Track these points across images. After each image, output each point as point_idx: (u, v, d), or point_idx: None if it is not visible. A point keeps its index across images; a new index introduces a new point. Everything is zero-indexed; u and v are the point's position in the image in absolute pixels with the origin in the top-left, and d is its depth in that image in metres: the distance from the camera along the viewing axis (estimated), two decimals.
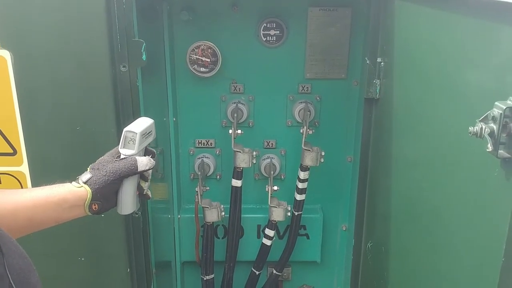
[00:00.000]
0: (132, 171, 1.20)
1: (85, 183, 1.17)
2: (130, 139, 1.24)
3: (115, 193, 1.23)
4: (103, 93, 1.52)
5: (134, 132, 1.24)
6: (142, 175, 1.28)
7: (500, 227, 0.87)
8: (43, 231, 1.58)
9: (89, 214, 1.18)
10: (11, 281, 0.71)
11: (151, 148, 1.32)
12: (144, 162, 1.22)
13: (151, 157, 1.27)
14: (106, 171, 1.19)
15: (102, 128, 1.55)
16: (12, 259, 0.73)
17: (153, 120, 1.31)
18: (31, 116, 1.53)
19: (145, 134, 1.26)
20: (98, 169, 1.20)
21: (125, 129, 1.25)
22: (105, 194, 1.18)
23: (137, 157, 1.23)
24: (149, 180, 1.31)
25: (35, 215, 1.10)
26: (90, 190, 1.16)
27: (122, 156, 1.24)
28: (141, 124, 1.27)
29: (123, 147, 1.24)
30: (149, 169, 1.24)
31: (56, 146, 1.56)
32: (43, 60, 1.48)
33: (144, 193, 1.30)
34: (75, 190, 1.16)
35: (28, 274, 0.77)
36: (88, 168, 1.21)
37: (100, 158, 1.25)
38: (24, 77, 1.50)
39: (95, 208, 1.17)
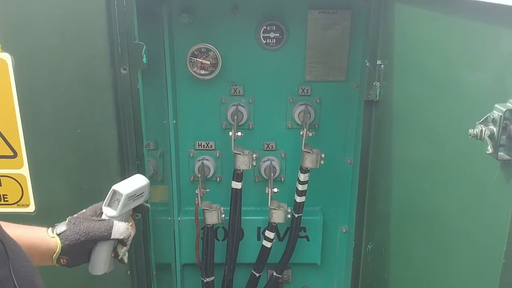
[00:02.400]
0: (105, 237, 1.13)
1: (58, 234, 1.12)
2: (115, 199, 1.17)
3: (87, 252, 1.16)
4: (103, 95, 1.52)
5: (120, 194, 1.16)
6: (120, 240, 1.19)
7: (500, 228, 0.88)
8: None
9: (57, 265, 1.13)
10: (16, 284, 0.71)
11: (145, 205, 1.24)
12: (120, 230, 1.14)
13: (142, 213, 1.21)
14: (79, 230, 1.12)
15: (102, 130, 1.55)
16: (17, 261, 0.73)
17: (148, 181, 1.22)
18: (32, 119, 1.53)
19: (133, 196, 1.18)
20: (74, 224, 1.13)
21: (113, 187, 1.17)
22: (75, 252, 1.13)
23: (115, 222, 1.15)
24: (128, 245, 1.22)
25: None
26: (60, 244, 1.10)
27: (103, 216, 1.17)
28: (133, 184, 1.19)
29: (107, 205, 1.17)
30: (124, 238, 1.16)
31: (57, 149, 1.56)
32: (44, 63, 1.48)
33: (119, 258, 1.22)
34: (46, 239, 1.10)
35: (32, 276, 0.77)
36: (67, 219, 1.16)
37: (82, 211, 1.19)
38: (24, 80, 1.50)
39: (63, 262, 1.12)
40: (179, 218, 2.12)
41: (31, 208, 1.63)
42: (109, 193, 1.17)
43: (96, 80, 1.50)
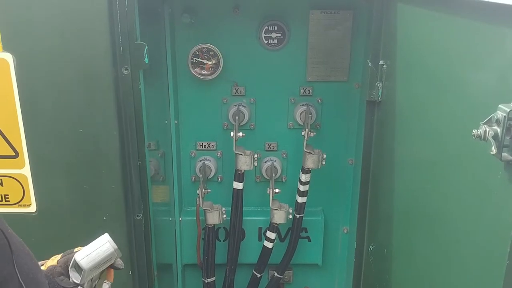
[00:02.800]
0: None
1: None
2: (79, 267, 1.09)
3: None
4: (105, 95, 1.52)
5: (82, 268, 1.08)
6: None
7: (504, 229, 0.87)
8: (45, 234, 1.58)
9: None
10: (21, 281, 0.71)
11: (115, 266, 1.15)
12: None
13: (116, 269, 1.13)
14: None
15: (104, 130, 1.54)
16: (20, 258, 0.73)
17: (115, 248, 1.12)
18: (33, 119, 1.53)
19: (97, 265, 1.10)
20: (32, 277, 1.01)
21: (75, 256, 1.10)
22: None
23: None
24: None
25: None
26: None
27: (70, 278, 1.09)
28: (98, 254, 1.10)
29: (73, 267, 1.10)
30: None
31: (58, 149, 1.56)
32: (46, 63, 1.48)
33: None
34: None
35: (36, 274, 0.77)
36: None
37: (53, 265, 1.12)
38: (26, 79, 1.49)
39: None
40: (180, 219, 2.12)
41: (33, 208, 1.63)
42: (73, 259, 1.11)
43: (98, 80, 1.50)
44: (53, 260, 1.12)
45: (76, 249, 1.14)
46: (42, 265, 1.08)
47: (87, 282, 1.10)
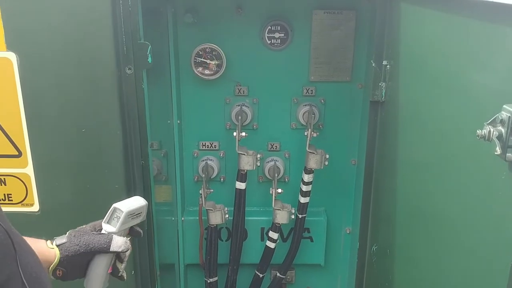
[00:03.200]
0: (104, 249, 1.17)
1: (58, 246, 1.15)
2: (115, 216, 1.21)
3: (84, 265, 1.18)
4: (108, 95, 1.52)
5: (121, 211, 1.21)
6: (118, 256, 1.23)
7: (508, 230, 0.87)
8: (47, 233, 1.58)
9: (52, 278, 1.14)
10: (24, 280, 0.71)
11: (138, 229, 1.28)
12: (119, 243, 1.18)
13: (134, 237, 1.24)
14: (79, 242, 1.16)
15: (107, 130, 1.55)
16: (24, 257, 0.73)
17: (146, 203, 1.28)
18: (37, 118, 1.54)
19: (132, 214, 1.23)
20: (74, 236, 1.17)
21: (114, 204, 1.23)
22: (73, 264, 1.15)
23: (114, 236, 1.19)
24: (125, 262, 1.25)
25: None
26: (58, 255, 1.13)
27: (102, 231, 1.21)
28: (132, 204, 1.24)
29: (107, 222, 1.22)
30: (122, 251, 1.20)
31: (61, 148, 1.56)
32: (49, 62, 1.48)
33: (119, 274, 1.25)
34: (45, 250, 1.13)
35: (39, 273, 0.78)
36: (67, 233, 1.19)
37: (82, 226, 1.22)
38: (29, 79, 1.50)
39: (59, 274, 1.14)
40: (182, 218, 2.12)
41: (35, 207, 1.63)
42: (109, 210, 1.22)
43: (101, 79, 1.50)
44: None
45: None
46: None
47: (120, 232, 1.21)
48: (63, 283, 1.66)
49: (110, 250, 1.16)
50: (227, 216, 2.06)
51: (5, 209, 1.63)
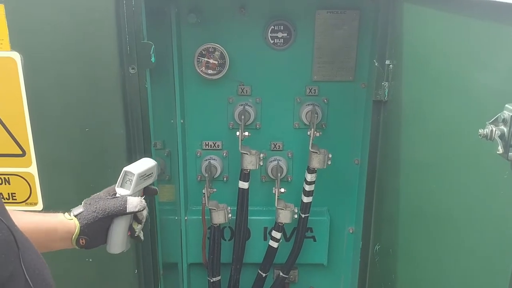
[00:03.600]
0: (121, 211, 1.19)
1: (76, 216, 1.18)
2: (127, 179, 1.24)
3: (104, 230, 1.21)
4: (112, 94, 1.52)
5: (132, 173, 1.24)
6: (135, 217, 1.27)
7: (510, 229, 0.87)
8: None
9: (77, 248, 1.18)
10: (27, 277, 0.72)
11: (152, 187, 1.31)
12: (134, 204, 1.21)
13: (150, 195, 1.28)
14: (96, 208, 1.19)
15: (110, 129, 1.55)
16: (27, 255, 0.74)
17: (156, 163, 1.30)
18: (40, 118, 1.54)
19: (143, 176, 1.26)
20: (90, 204, 1.20)
21: (124, 168, 1.25)
22: (93, 231, 1.18)
23: (129, 197, 1.22)
24: (143, 222, 1.29)
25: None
26: (78, 225, 1.16)
27: (117, 195, 1.23)
28: (142, 165, 1.27)
29: (120, 186, 1.25)
30: (138, 211, 1.22)
31: (65, 148, 1.57)
32: (53, 62, 1.49)
33: (136, 235, 1.28)
34: (65, 222, 1.16)
35: (42, 270, 0.78)
36: (82, 202, 1.22)
37: (95, 194, 1.25)
38: (33, 78, 1.51)
39: (83, 243, 1.17)
40: (186, 218, 2.13)
41: (39, 206, 1.64)
42: (121, 174, 1.25)
43: (105, 79, 1.51)
44: None
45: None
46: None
47: (134, 194, 1.24)
48: (68, 282, 1.68)
49: (127, 211, 1.19)
50: (230, 215, 2.06)
51: (9, 208, 1.64)
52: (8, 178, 1.61)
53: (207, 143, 2.08)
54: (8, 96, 1.52)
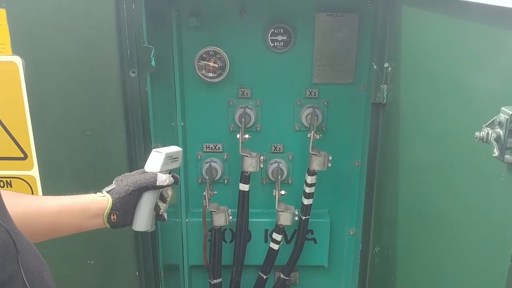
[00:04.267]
0: (151, 183, 1.27)
1: (108, 192, 1.24)
2: (156, 158, 1.33)
3: (134, 205, 1.28)
4: (112, 98, 1.54)
5: (161, 153, 1.33)
6: (161, 196, 1.35)
7: (507, 231, 0.88)
8: None
9: (108, 226, 1.23)
10: (25, 279, 0.72)
11: (175, 175, 1.37)
12: (163, 178, 1.29)
13: (174, 182, 1.34)
14: (127, 182, 1.26)
15: (111, 132, 1.56)
16: (26, 256, 0.75)
17: (181, 149, 1.39)
18: (42, 121, 1.55)
19: (171, 157, 1.34)
20: (121, 180, 1.28)
21: (154, 149, 1.35)
22: (124, 205, 1.24)
23: (158, 173, 1.30)
24: (167, 202, 1.38)
25: (59, 221, 1.15)
26: (111, 200, 1.23)
27: (147, 171, 1.32)
28: (170, 148, 1.37)
29: (148, 166, 1.33)
30: (167, 185, 1.31)
31: (66, 151, 1.58)
32: (54, 66, 1.50)
33: (161, 213, 1.35)
34: (98, 199, 1.22)
35: (41, 272, 0.79)
36: (114, 180, 1.29)
37: (126, 173, 1.32)
38: (35, 82, 1.52)
39: (114, 218, 1.23)
40: (187, 220, 2.13)
41: None
42: (150, 155, 1.34)
43: (106, 82, 1.52)
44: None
45: None
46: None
47: (162, 172, 1.31)
48: (70, 285, 1.69)
49: (157, 184, 1.27)
50: (230, 217, 2.07)
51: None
52: (10, 181, 1.63)
53: (207, 146, 2.09)
54: (10, 100, 1.53)
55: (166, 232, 1.88)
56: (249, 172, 1.98)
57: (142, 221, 1.30)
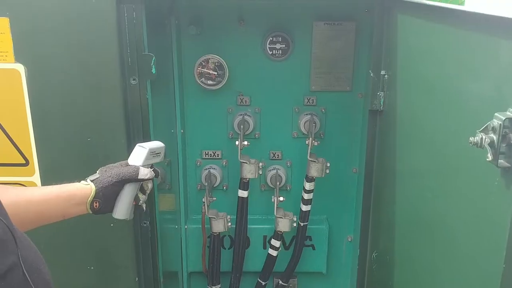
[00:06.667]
0: (133, 176, 1.36)
1: (92, 181, 1.33)
2: (139, 153, 1.42)
3: (115, 195, 1.36)
4: (113, 105, 1.55)
5: (144, 148, 1.42)
6: (141, 188, 1.44)
7: (501, 234, 0.90)
8: (53, 239, 1.61)
9: (90, 212, 1.30)
10: (24, 271, 0.74)
11: (156, 169, 1.47)
12: (145, 172, 1.39)
13: (154, 175, 1.42)
14: (111, 173, 1.35)
15: (112, 139, 1.58)
16: (24, 251, 0.77)
17: (164, 145, 1.48)
18: (43, 128, 1.57)
19: (153, 152, 1.44)
20: (105, 171, 1.37)
21: (137, 144, 1.44)
22: (106, 194, 1.33)
23: (140, 167, 1.39)
24: (147, 194, 1.46)
25: (46, 209, 1.22)
26: (94, 188, 1.31)
27: (130, 165, 1.40)
28: (153, 143, 1.46)
29: (132, 159, 1.42)
30: (148, 179, 1.41)
31: (68, 157, 1.60)
32: (56, 73, 1.52)
33: (140, 203, 1.45)
34: (82, 187, 1.31)
35: (39, 265, 0.81)
36: (98, 170, 1.37)
37: (110, 164, 1.41)
38: (37, 90, 1.54)
39: (96, 206, 1.31)
40: (186, 226, 2.14)
41: None
42: (134, 149, 1.43)
43: (107, 90, 1.54)
44: None
45: None
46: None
47: (144, 166, 1.40)
48: (66, 285, 1.69)
49: (138, 178, 1.37)
50: (229, 224, 2.08)
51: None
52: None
53: (207, 153, 2.10)
54: (12, 107, 1.55)
55: (166, 238, 1.89)
56: (248, 179, 2.00)
57: (122, 210, 1.38)
